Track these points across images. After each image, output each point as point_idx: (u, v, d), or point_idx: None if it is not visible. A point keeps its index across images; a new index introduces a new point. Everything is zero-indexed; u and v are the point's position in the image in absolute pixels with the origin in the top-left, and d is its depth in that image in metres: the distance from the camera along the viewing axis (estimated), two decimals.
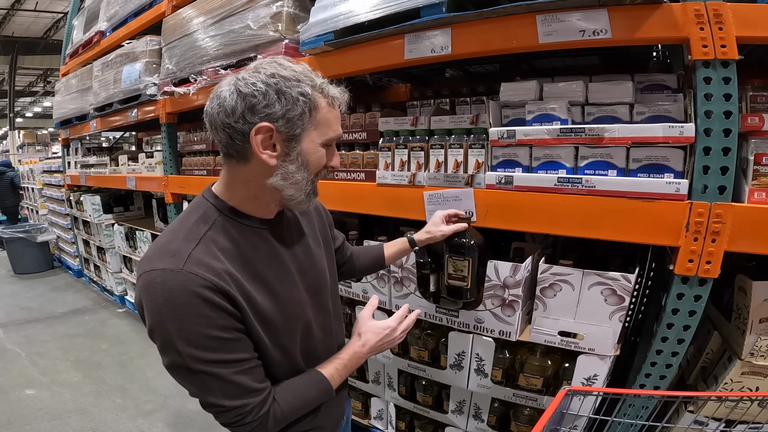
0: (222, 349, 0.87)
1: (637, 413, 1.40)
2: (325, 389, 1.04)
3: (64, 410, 2.82)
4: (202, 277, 0.84)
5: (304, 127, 0.90)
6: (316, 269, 1.12)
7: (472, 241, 1.43)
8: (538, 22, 1.35)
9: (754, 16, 1.17)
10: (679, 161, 1.27)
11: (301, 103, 0.88)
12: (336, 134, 0.97)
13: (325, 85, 0.93)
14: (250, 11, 2.15)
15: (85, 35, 4.14)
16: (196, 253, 0.88)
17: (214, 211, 0.96)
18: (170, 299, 0.83)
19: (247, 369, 0.91)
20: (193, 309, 0.84)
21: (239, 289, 0.90)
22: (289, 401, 0.97)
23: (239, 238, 0.95)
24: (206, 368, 0.86)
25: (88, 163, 4.72)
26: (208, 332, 0.85)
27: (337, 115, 0.96)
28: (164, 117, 3.14)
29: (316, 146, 0.93)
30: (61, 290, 5.41)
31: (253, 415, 0.91)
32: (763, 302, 1.28)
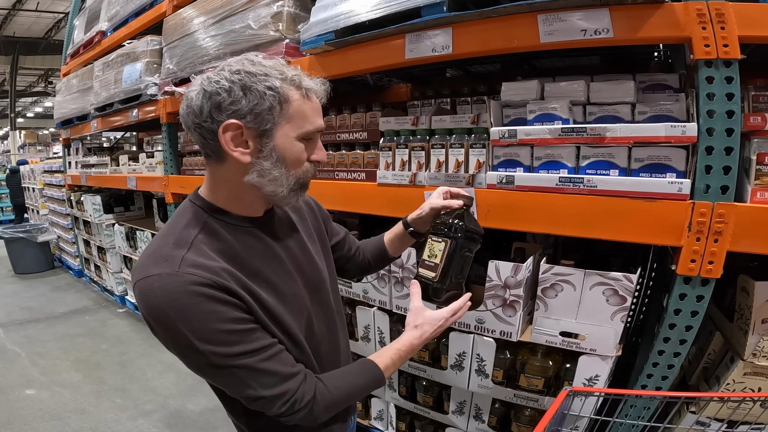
0: (242, 341, 0.86)
1: (639, 414, 1.40)
2: (377, 377, 1.03)
3: (64, 410, 2.82)
4: (198, 275, 0.83)
5: (275, 121, 0.87)
6: (314, 265, 1.11)
7: (460, 223, 1.16)
8: (540, 22, 1.34)
9: (757, 15, 1.16)
10: (682, 161, 1.26)
11: (269, 97, 0.85)
12: (314, 127, 0.93)
13: (298, 78, 0.90)
14: (250, 11, 2.15)
15: (86, 35, 4.15)
16: (190, 256, 0.87)
17: (201, 214, 0.95)
18: (173, 302, 0.82)
19: (273, 355, 0.90)
20: (200, 307, 0.83)
21: (241, 285, 0.89)
22: (339, 386, 0.98)
23: (231, 239, 0.94)
24: (233, 362, 0.86)
25: (88, 163, 4.72)
26: (221, 327, 0.84)
27: (314, 106, 0.93)
28: (165, 117, 3.14)
29: (292, 140, 0.90)
30: (61, 290, 5.42)
31: (299, 402, 0.91)
32: (765, 302, 1.27)
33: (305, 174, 0.96)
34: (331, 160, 1.97)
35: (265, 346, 0.89)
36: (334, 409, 0.98)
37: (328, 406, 0.95)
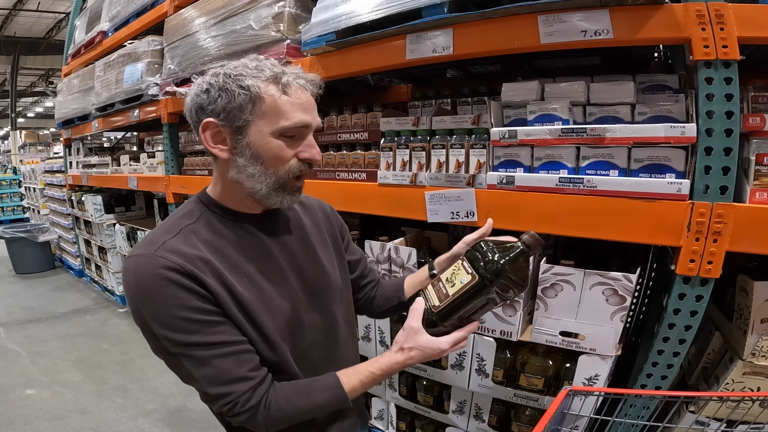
0: (200, 331, 0.86)
1: (639, 413, 1.40)
2: (339, 398, 0.96)
3: (65, 410, 2.83)
4: (169, 260, 0.86)
5: (247, 118, 0.89)
6: (319, 270, 1.09)
7: (505, 263, 0.91)
8: (540, 23, 1.35)
9: (756, 16, 1.16)
10: (681, 161, 1.27)
11: (241, 96, 0.87)
12: (291, 122, 0.90)
13: (282, 75, 0.90)
14: (251, 11, 2.16)
15: (88, 35, 4.15)
16: (172, 241, 0.90)
17: (200, 207, 0.99)
18: (139, 282, 0.86)
19: (230, 353, 0.89)
20: (162, 291, 0.85)
21: (215, 275, 0.89)
22: (291, 400, 0.93)
23: (223, 231, 0.96)
24: (185, 351, 0.87)
25: (89, 163, 4.74)
26: (180, 314, 0.85)
27: (294, 102, 0.90)
28: (166, 117, 3.15)
29: (266, 137, 0.90)
30: (62, 290, 5.42)
31: (240, 405, 0.89)
32: (764, 302, 1.27)
33: (288, 173, 0.94)
34: (332, 160, 1.98)
35: (224, 342, 0.88)
36: (282, 422, 0.93)
37: (272, 417, 0.91)
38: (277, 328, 0.96)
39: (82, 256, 5.66)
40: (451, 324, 0.97)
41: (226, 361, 0.88)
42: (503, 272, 0.91)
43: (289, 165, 0.94)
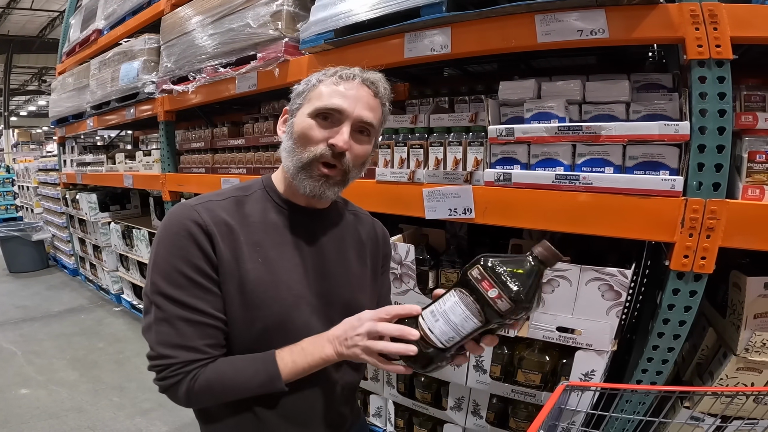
0: (185, 289, 0.88)
1: (635, 409, 1.42)
2: (269, 372, 0.90)
3: (61, 409, 2.82)
4: (200, 215, 0.91)
5: (300, 103, 0.97)
6: (343, 282, 1.06)
7: (516, 287, 0.77)
8: (537, 22, 1.37)
9: (749, 16, 1.19)
10: (675, 158, 1.29)
11: (304, 85, 0.98)
12: (323, 104, 0.92)
13: (343, 69, 0.97)
14: (249, 10, 2.16)
15: (83, 34, 4.15)
16: (215, 203, 0.96)
17: (258, 185, 1.05)
18: (165, 223, 0.92)
19: (198, 322, 0.88)
20: (177, 239, 0.89)
21: (230, 243, 0.92)
22: (219, 369, 0.90)
23: (264, 210, 1.01)
24: (159, 300, 0.88)
25: (84, 161, 4.72)
26: (179, 266, 0.88)
27: (338, 90, 0.93)
28: (162, 115, 3.15)
29: (304, 116, 0.95)
30: (56, 289, 5.40)
31: (171, 370, 0.87)
32: (757, 298, 1.29)
33: (312, 154, 0.93)
34: None
35: (199, 310, 0.88)
36: (204, 393, 0.89)
37: (197, 388, 0.88)
38: (271, 317, 0.95)
39: (77, 255, 5.63)
40: (443, 363, 0.86)
41: (190, 327, 0.88)
42: (515, 310, 0.77)
43: (317, 147, 0.94)
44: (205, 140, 3.01)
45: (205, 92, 2.63)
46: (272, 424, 1.00)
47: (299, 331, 0.96)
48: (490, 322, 0.80)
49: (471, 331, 0.81)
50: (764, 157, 1.21)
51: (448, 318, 0.81)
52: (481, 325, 0.80)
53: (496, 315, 0.78)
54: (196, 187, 2.97)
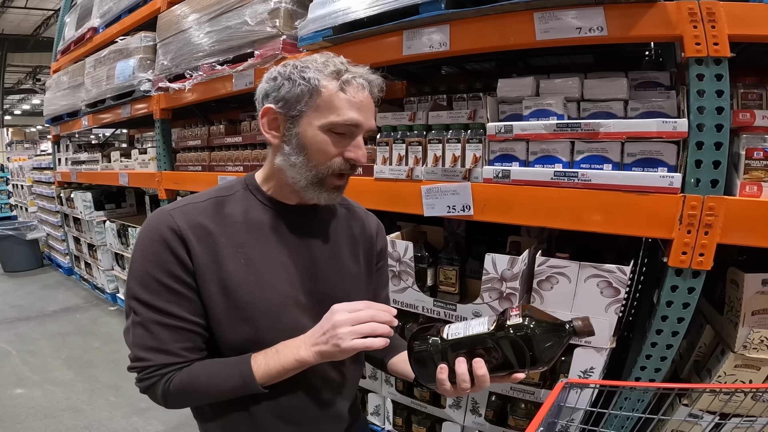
0: (158, 294, 0.88)
1: (633, 406, 1.42)
2: (243, 375, 0.89)
3: (57, 408, 2.81)
4: (175, 220, 0.90)
5: (301, 109, 0.90)
6: (335, 279, 1.04)
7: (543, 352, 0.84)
8: (536, 20, 1.37)
9: (746, 14, 1.19)
10: (673, 156, 1.29)
11: (301, 86, 0.89)
12: (342, 119, 0.89)
13: (345, 71, 0.90)
14: (247, 7, 2.16)
15: (78, 32, 4.12)
16: (193, 206, 0.94)
17: (241, 184, 1.02)
18: (142, 231, 0.92)
19: (173, 326, 0.88)
20: (151, 245, 0.89)
21: (208, 246, 0.91)
22: (192, 372, 0.89)
23: (249, 210, 0.98)
24: (135, 306, 0.88)
25: (79, 159, 4.70)
26: (152, 272, 0.87)
27: (351, 100, 0.90)
28: (158, 113, 3.14)
29: (314, 129, 0.90)
30: (51, 288, 5.37)
31: (147, 372, 0.88)
32: (755, 294, 1.30)
33: (328, 169, 0.93)
34: None
35: (174, 315, 0.88)
36: (178, 396, 0.89)
37: (172, 390, 0.88)
38: (258, 318, 0.93)
39: (71, 254, 5.61)
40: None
41: (164, 330, 0.88)
42: (539, 362, 0.84)
43: (332, 162, 0.93)
44: (202, 138, 3.00)
45: (201, 90, 2.62)
46: (267, 424, 0.99)
47: (289, 332, 0.94)
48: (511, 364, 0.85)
49: (475, 334, 0.86)
50: (761, 154, 1.22)
51: (469, 323, 0.90)
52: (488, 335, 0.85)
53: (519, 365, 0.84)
54: (193, 185, 2.96)
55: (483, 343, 0.85)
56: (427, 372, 0.90)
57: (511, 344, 0.83)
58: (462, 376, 0.86)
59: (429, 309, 1.71)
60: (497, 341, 0.84)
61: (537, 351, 0.82)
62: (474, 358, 0.87)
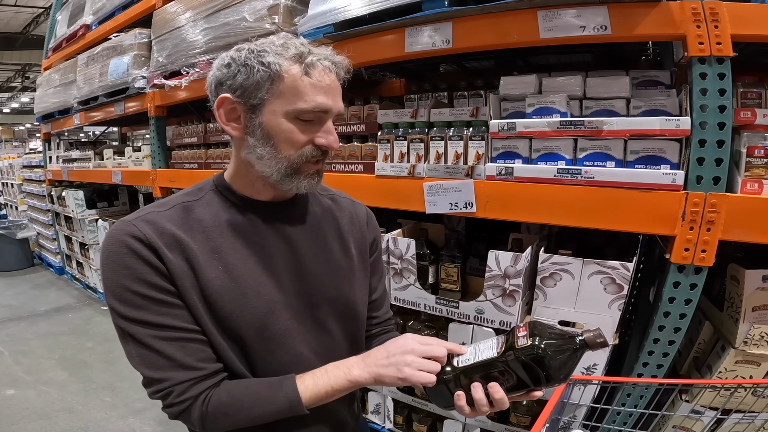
0: (145, 309, 0.81)
1: (635, 402, 1.43)
2: (288, 396, 0.84)
3: (52, 409, 2.77)
4: (139, 229, 0.82)
5: (263, 97, 0.83)
6: (325, 276, 0.99)
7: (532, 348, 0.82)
8: (539, 18, 1.37)
9: (749, 14, 1.20)
10: (675, 153, 1.30)
11: (260, 73, 0.82)
12: (309, 105, 0.83)
13: (307, 54, 0.83)
14: (246, 3, 2.14)
15: (70, 29, 4.08)
16: (157, 214, 0.87)
17: (209, 186, 0.95)
18: (105, 245, 0.83)
19: (174, 338, 0.82)
20: (120, 258, 0.81)
21: (183, 256, 0.84)
22: (233, 393, 0.84)
23: (221, 213, 0.91)
24: (126, 326, 0.81)
25: (70, 157, 4.65)
26: (130, 285, 0.80)
27: (315, 84, 0.83)
28: (153, 110, 3.12)
29: (279, 118, 0.84)
30: (42, 288, 5.30)
31: (175, 395, 0.82)
32: (756, 290, 1.31)
33: (300, 158, 0.87)
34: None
35: (170, 325, 0.82)
36: (221, 419, 0.83)
37: (211, 413, 0.83)
38: (244, 328, 0.88)
39: (63, 253, 5.54)
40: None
41: (169, 345, 0.82)
42: (554, 380, 0.83)
43: (303, 150, 0.87)
44: (198, 135, 2.98)
45: (198, 87, 2.60)
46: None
47: (279, 339, 0.91)
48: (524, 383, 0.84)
49: (485, 360, 0.85)
50: (762, 152, 1.23)
51: (477, 346, 0.89)
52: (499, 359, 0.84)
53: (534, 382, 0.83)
54: (189, 182, 2.91)
55: (495, 367, 0.84)
56: (444, 399, 0.89)
57: (523, 366, 0.82)
58: (480, 401, 0.84)
59: (431, 306, 1.71)
60: (508, 365, 0.83)
61: (551, 370, 0.81)
62: (489, 381, 0.85)
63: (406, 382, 0.84)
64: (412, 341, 0.88)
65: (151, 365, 0.82)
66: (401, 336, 0.90)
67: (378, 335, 1.17)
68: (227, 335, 0.87)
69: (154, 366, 0.82)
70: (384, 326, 1.19)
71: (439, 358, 0.86)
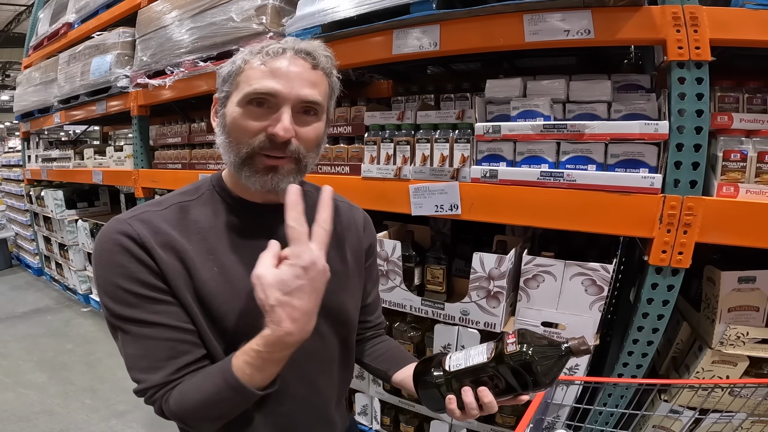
0: (138, 307, 0.80)
1: (616, 402, 1.45)
2: (229, 382, 0.78)
3: (31, 411, 2.72)
4: (133, 227, 0.81)
5: (227, 89, 0.86)
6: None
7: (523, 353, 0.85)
8: (525, 21, 1.39)
9: (728, 18, 1.23)
10: (654, 157, 1.33)
11: (229, 68, 0.86)
12: (253, 88, 0.81)
13: (272, 45, 0.83)
14: (233, 3, 2.13)
15: (52, 27, 4.01)
16: (153, 214, 0.86)
17: (208, 185, 0.95)
18: (98, 243, 0.83)
19: (165, 338, 0.82)
20: (112, 257, 0.80)
21: (178, 257, 0.83)
22: (183, 389, 0.82)
23: (216, 213, 0.91)
24: (119, 323, 0.81)
25: (50, 156, 4.57)
26: (123, 284, 0.79)
27: (266, 70, 0.82)
28: (136, 110, 3.08)
29: (233, 105, 0.84)
30: (21, 289, 5.19)
31: (150, 394, 0.82)
32: (731, 292, 1.34)
33: (249, 147, 0.83)
34: None
35: (163, 324, 0.81)
36: (182, 414, 0.81)
37: (173, 408, 0.81)
38: (238, 329, 0.86)
39: (41, 254, 5.44)
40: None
41: (157, 345, 0.81)
42: (541, 385, 0.86)
43: (252, 139, 0.83)
44: (182, 135, 2.95)
45: (182, 86, 2.57)
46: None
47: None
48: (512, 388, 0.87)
49: (475, 365, 0.88)
50: (738, 156, 1.26)
51: (468, 351, 0.92)
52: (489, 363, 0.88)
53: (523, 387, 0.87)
54: (172, 183, 2.91)
55: (485, 372, 0.88)
56: (436, 402, 0.92)
57: (512, 372, 0.85)
58: (470, 405, 0.87)
59: (417, 308, 1.72)
60: (498, 370, 0.86)
61: (538, 375, 0.84)
62: (479, 386, 0.87)
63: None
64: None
65: (136, 365, 0.82)
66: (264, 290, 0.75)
67: (370, 339, 1.18)
68: (221, 336, 0.87)
69: (137, 366, 0.82)
70: (376, 330, 1.19)
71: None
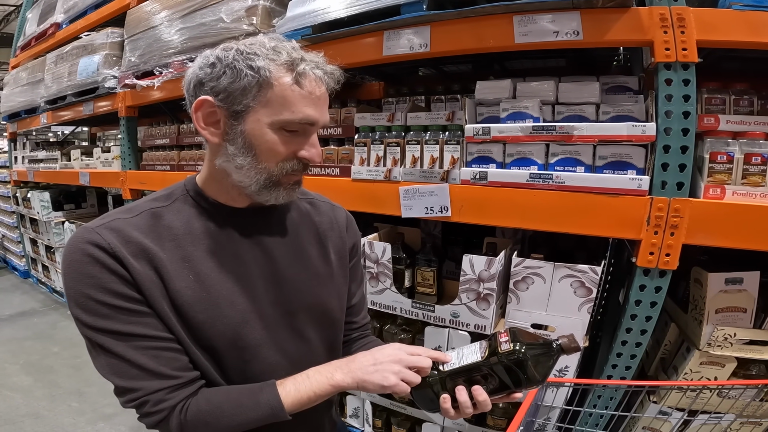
0: (112, 318, 0.77)
1: (605, 404, 1.46)
2: (270, 403, 0.82)
3: (17, 414, 2.68)
4: (102, 237, 0.78)
5: (248, 104, 0.79)
6: (303, 284, 0.96)
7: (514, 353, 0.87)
8: (515, 23, 1.39)
9: (715, 20, 1.24)
10: (641, 158, 1.33)
11: (248, 77, 0.77)
12: (297, 117, 0.80)
13: (300, 61, 0.80)
14: (223, 4, 2.12)
15: (40, 27, 3.97)
16: (123, 221, 0.82)
17: (181, 191, 0.91)
18: (66, 253, 0.80)
19: (147, 347, 0.79)
20: (82, 267, 0.77)
21: (151, 265, 0.80)
22: (213, 400, 0.82)
23: (193, 221, 0.88)
24: (92, 336, 0.77)
25: (36, 158, 4.52)
26: (94, 295, 0.76)
27: (305, 95, 0.80)
28: (124, 110, 3.05)
29: (263, 127, 0.80)
30: (6, 292, 5.12)
31: (151, 404, 0.79)
32: (718, 293, 1.34)
33: (281, 171, 0.84)
34: None
35: (140, 334, 0.78)
36: (203, 428, 0.81)
37: (189, 420, 0.80)
38: (217, 338, 0.85)
39: (28, 256, 5.36)
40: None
41: (140, 354, 0.78)
42: (533, 382, 0.88)
43: (284, 163, 0.84)
44: (171, 137, 2.93)
45: (171, 87, 2.55)
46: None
47: (254, 349, 0.89)
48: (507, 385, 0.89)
49: (470, 364, 0.89)
50: (725, 157, 1.27)
51: (461, 351, 0.93)
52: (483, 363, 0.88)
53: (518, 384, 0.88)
54: (161, 184, 2.87)
55: (479, 371, 0.88)
56: (430, 402, 0.92)
57: (505, 370, 0.86)
58: (464, 404, 0.87)
59: (407, 310, 1.71)
60: (491, 368, 0.87)
61: (530, 373, 0.86)
62: (472, 384, 0.88)
63: (388, 390, 0.84)
64: (400, 351, 0.89)
65: (123, 374, 0.79)
66: (389, 345, 0.91)
67: (356, 340, 1.16)
68: (200, 345, 0.85)
69: (125, 375, 0.79)
70: (362, 331, 1.18)
71: (424, 370, 0.88)
